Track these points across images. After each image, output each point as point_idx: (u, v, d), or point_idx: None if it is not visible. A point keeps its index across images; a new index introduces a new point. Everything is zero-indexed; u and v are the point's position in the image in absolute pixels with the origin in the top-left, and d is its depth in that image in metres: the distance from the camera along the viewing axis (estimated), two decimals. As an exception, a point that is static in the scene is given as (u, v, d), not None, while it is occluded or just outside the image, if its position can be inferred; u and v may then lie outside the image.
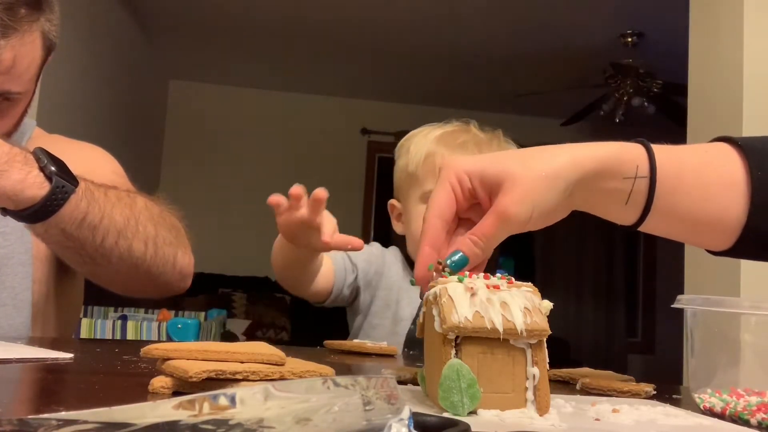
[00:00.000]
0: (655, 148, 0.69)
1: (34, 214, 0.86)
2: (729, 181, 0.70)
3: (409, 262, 1.32)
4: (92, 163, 1.17)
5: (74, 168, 0.97)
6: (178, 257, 1.08)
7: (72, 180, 0.89)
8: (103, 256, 0.96)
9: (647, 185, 0.67)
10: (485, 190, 0.65)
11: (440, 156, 1.21)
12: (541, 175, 0.64)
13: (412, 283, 0.65)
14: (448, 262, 0.63)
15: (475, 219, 0.67)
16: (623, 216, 0.70)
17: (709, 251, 0.76)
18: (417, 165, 1.25)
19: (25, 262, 1.08)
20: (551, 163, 0.65)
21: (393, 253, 1.36)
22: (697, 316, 0.70)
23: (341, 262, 1.27)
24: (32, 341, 0.93)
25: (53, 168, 0.86)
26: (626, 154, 0.67)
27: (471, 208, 0.68)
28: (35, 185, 0.84)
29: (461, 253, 0.63)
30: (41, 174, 0.85)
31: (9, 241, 1.06)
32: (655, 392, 0.75)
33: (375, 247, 1.35)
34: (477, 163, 0.66)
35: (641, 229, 0.71)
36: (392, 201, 1.34)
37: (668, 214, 0.69)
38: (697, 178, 0.70)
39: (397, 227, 1.34)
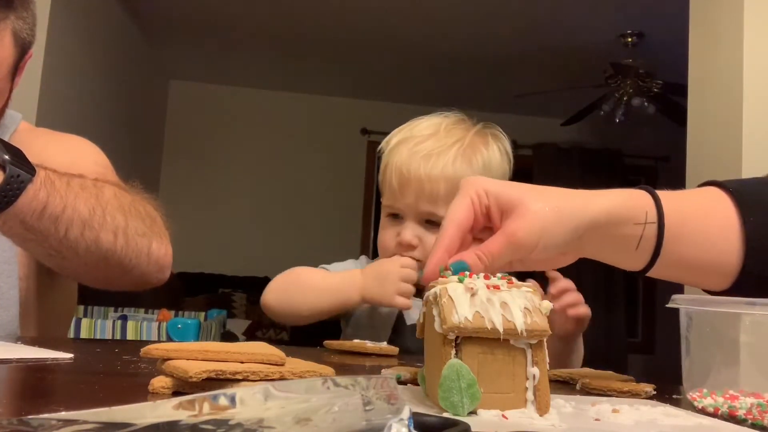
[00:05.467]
0: (660, 194, 0.73)
1: None
2: (726, 226, 0.74)
3: None
4: (73, 154, 1.15)
5: (54, 159, 0.95)
6: (153, 248, 1.04)
7: (29, 169, 0.85)
8: (69, 248, 0.93)
9: (655, 231, 0.71)
10: (499, 210, 0.68)
11: (391, 169, 1.17)
12: (554, 209, 0.67)
13: (418, 282, 0.66)
14: (452, 267, 0.64)
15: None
16: (632, 263, 0.74)
17: (707, 291, 0.80)
18: (381, 174, 1.20)
19: (10, 260, 1.06)
20: (565, 201, 0.68)
21: (365, 263, 1.28)
22: (692, 315, 0.70)
23: None
24: (32, 341, 0.93)
25: (7, 157, 0.82)
26: (636, 200, 0.72)
27: (484, 230, 0.70)
28: None
29: (465, 263, 0.64)
30: None
31: None
32: (655, 392, 0.75)
33: (348, 266, 1.28)
34: (496, 184, 0.69)
35: (649, 274, 0.75)
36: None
37: (674, 261, 0.73)
38: (698, 226, 0.74)
39: None
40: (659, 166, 6.09)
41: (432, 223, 1.16)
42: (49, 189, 0.88)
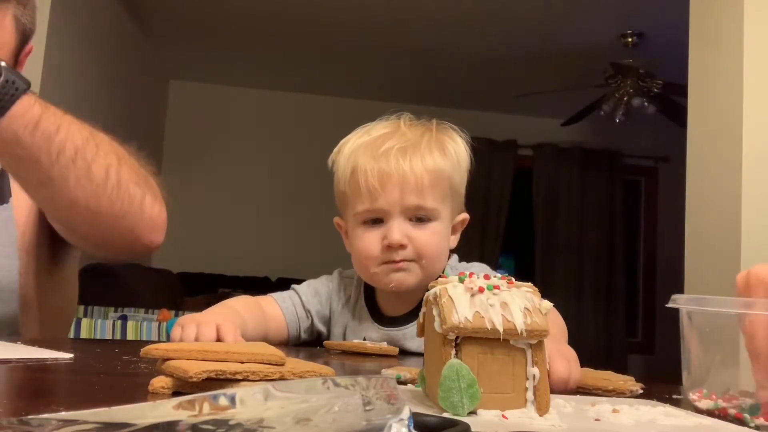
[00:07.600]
0: None
1: None
2: None
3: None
4: None
5: None
6: (147, 201, 1.02)
7: (23, 80, 0.86)
8: (60, 176, 0.92)
9: None
10: None
11: (362, 171, 1.09)
12: None
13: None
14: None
15: None
16: None
17: None
18: (345, 183, 1.13)
19: (10, 255, 1.06)
20: None
21: (337, 281, 1.25)
22: (692, 315, 0.70)
23: (292, 310, 1.19)
24: (32, 341, 0.93)
25: (3, 63, 0.83)
26: None
27: None
28: None
29: None
30: None
31: None
32: (642, 391, 0.74)
33: (321, 283, 1.25)
34: None
35: None
36: (337, 219, 1.22)
37: None
38: None
39: (347, 245, 1.20)
40: (659, 166, 6.09)
41: (420, 220, 1.10)
42: (44, 107, 0.89)
